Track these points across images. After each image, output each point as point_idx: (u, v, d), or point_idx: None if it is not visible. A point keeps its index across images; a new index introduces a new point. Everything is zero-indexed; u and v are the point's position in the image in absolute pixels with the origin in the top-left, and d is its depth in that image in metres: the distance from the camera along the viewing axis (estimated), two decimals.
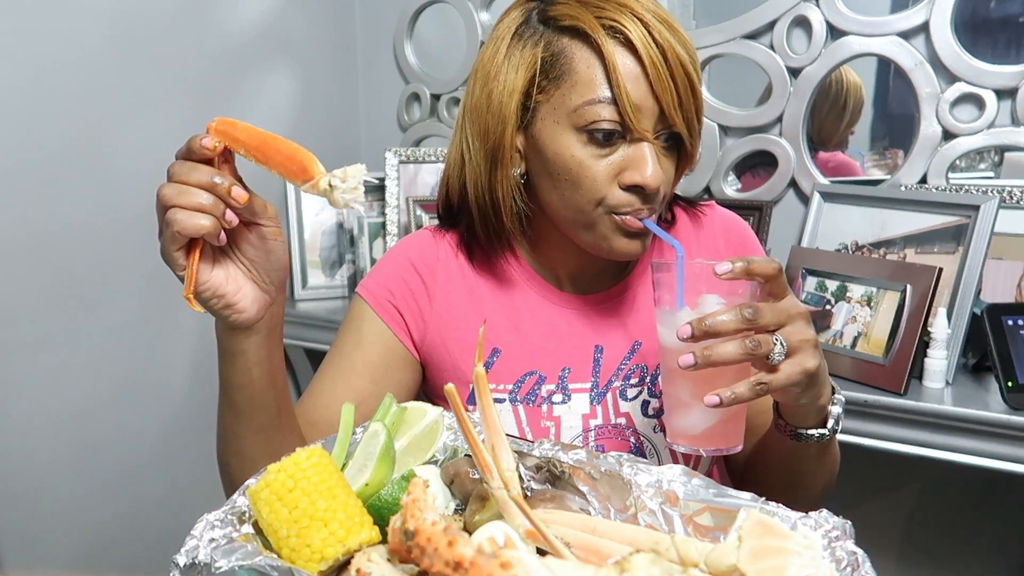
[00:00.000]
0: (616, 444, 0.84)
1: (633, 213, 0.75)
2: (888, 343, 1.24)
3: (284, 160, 0.59)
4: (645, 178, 0.72)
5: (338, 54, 1.98)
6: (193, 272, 0.64)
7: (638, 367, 0.86)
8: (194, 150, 0.61)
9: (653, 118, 0.73)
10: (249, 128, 0.62)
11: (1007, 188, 1.33)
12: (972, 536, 1.53)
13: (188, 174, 0.61)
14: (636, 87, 0.71)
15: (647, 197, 0.74)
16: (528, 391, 0.85)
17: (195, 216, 0.61)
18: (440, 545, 0.42)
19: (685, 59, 0.72)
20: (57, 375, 1.42)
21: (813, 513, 0.55)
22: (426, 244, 0.91)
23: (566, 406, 0.85)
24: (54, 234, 1.39)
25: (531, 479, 0.66)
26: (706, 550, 0.48)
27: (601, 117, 0.72)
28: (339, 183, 0.56)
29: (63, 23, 1.36)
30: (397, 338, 0.88)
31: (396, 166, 1.80)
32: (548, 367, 0.86)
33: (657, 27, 0.71)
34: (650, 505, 0.60)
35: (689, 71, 0.72)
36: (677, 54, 0.71)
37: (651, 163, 0.72)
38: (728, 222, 0.94)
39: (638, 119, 0.72)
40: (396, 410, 0.69)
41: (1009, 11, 1.45)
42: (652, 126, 0.73)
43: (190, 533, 0.54)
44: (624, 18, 0.71)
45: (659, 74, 0.71)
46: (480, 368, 0.59)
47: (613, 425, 0.85)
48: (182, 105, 1.57)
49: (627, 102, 0.71)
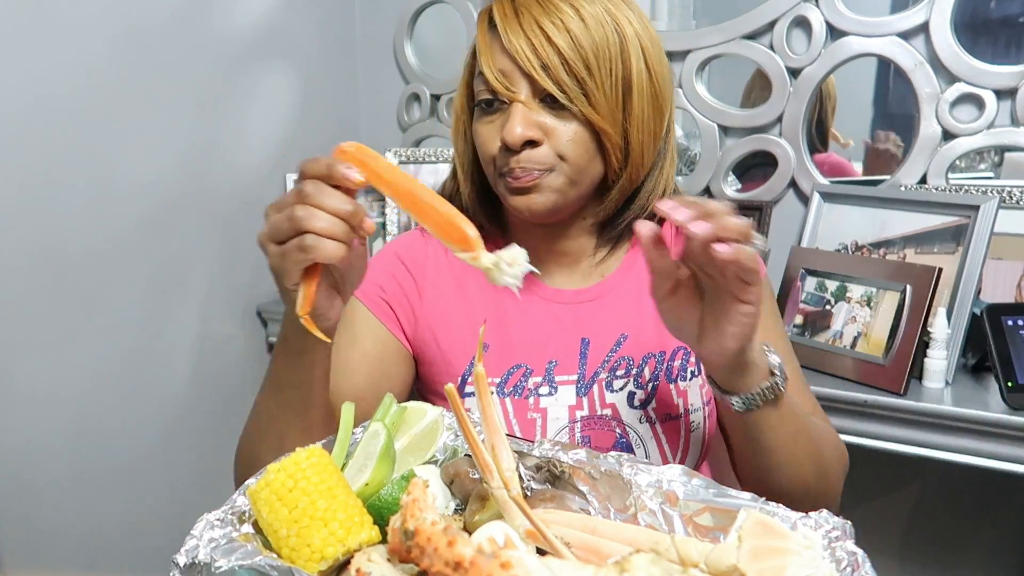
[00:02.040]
0: (602, 435, 0.85)
1: (508, 173, 0.80)
2: (888, 343, 1.24)
3: (442, 223, 0.58)
4: (504, 135, 0.78)
5: (338, 54, 1.98)
6: (312, 292, 0.63)
7: (624, 359, 0.87)
8: (335, 177, 0.60)
9: (523, 80, 0.78)
10: (392, 167, 0.61)
11: (1007, 188, 1.33)
12: (972, 536, 1.53)
13: (325, 200, 0.60)
14: (498, 56, 0.79)
15: (515, 155, 0.79)
16: (515, 383, 0.86)
17: (329, 243, 0.60)
18: (440, 545, 0.42)
19: (547, 24, 0.76)
20: (57, 376, 1.42)
21: (813, 513, 0.55)
22: (415, 242, 0.94)
23: (552, 398, 0.86)
24: (55, 235, 1.39)
25: (531, 479, 0.66)
26: (706, 550, 0.48)
27: (478, 88, 0.81)
28: (506, 267, 0.57)
29: (64, 26, 1.36)
30: (391, 332, 0.88)
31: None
32: (535, 360, 0.87)
33: (528, 5, 0.78)
34: (650, 505, 0.60)
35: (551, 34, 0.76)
36: (536, 21, 0.76)
37: (514, 121, 0.77)
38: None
39: (505, 83, 0.78)
40: (396, 410, 0.69)
41: (1009, 11, 1.45)
42: (526, 88, 0.78)
43: (190, 533, 0.54)
44: (499, 5, 0.80)
45: (511, 40, 0.77)
46: (480, 368, 0.59)
47: (599, 416, 0.85)
48: (182, 105, 1.57)
49: (491, 69, 0.79)
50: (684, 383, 0.88)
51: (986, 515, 1.50)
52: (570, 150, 0.79)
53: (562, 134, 0.79)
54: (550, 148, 0.79)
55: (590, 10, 0.77)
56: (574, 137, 0.79)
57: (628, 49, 0.78)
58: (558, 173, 0.80)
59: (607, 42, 0.77)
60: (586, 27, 0.77)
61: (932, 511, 1.56)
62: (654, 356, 0.88)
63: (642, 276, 0.89)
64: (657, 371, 0.87)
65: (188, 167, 1.60)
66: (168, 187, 1.56)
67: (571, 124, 0.79)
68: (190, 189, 1.61)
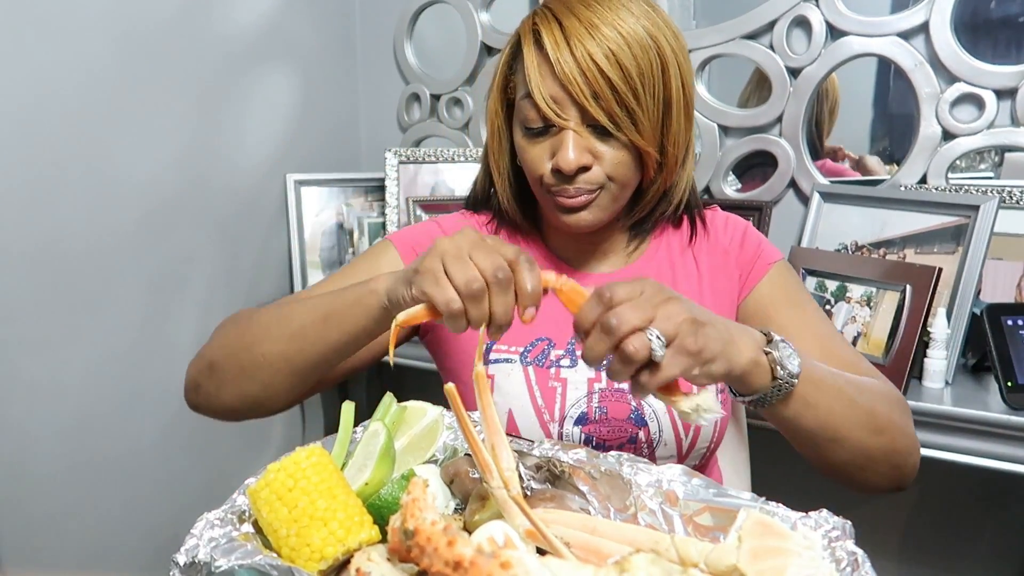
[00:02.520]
0: (618, 407, 0.88)
1: (560, 193, 0.84)
2: (888, 343, 1.24)
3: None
4: (559, 162, 0.81)
5: (338, 54, 1.98)
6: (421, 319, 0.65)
7: None
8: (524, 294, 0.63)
9: (574, 108, 0.80)
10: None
11: (1007, 188, 1.33)
12: (972, 536, 1.53)
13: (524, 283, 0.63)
14: (549, 83, 0.80)
15: (569, 178, 0.82)
16: (538, 354, 0.91)
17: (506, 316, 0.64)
18: (440, 545, 0.42)
19: (597, 53, 0.78)
20: (57, 375, 1.42)
21: (813, 513, 0.55)
22: (455, 218, 1.00)
23: (573, 370, 0.90)
24: (55, 235, 1.39)
25: (531, 479, 0.66)
26: (706, 550, 0.48)
27: (528, 112, 0.82)
28: (704, 413, 0.62)
29: (64, 26, 1.36)
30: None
31: (396, 166, 1.80)
32: (558, 335, 0.91)
33: (575, 28, 0.79)
34: (650, 505, 0.60)
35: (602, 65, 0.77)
36: (587, 50, 0.78)
37: (567, 149, 0.80)
38: (730, 224, 0.99)
39: (556, 111, 0.80)
40: (396, 409, 0.69)
41: (1009, 11, 1.45)
42: (576, 116, 0.80)
43: (190, 532, 0.54)
44: (544, 23, 0.81)
45: (564, 71, 0.78)
46: (480, 367, 0.59)
47: (616, 388, 0.88)
48: (183, 105, 1.57)
49: (542, 96, 0.80)
50: None
51: (986, 515, 1.50)
52: (618, 172, 0.83)
53: (610, 157, 0.82)
54: (600, 170, 0.83)
55: (634, 34, 0.79)
56: (621, 160, 0.83)
57: (669, 72, 0.81)
58: (606, 192, 0.84)
59: (651, 67, 0.80)
60: (632, 56, 0.79)
61: (932, 511, 1.56)
62: None
63: (665, 262, 0.96)
64: None
65: (188, 167, 1.60)
66: (168, 187, 1.56)
67: (618, 149, 0.82)
68: (190, 189, 1.61)
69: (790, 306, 0.92)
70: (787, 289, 0.94)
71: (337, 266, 1.88)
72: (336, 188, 1.89)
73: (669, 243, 0.97)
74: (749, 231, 0.98)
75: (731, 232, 0.97)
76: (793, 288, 0.95)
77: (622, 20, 0.79)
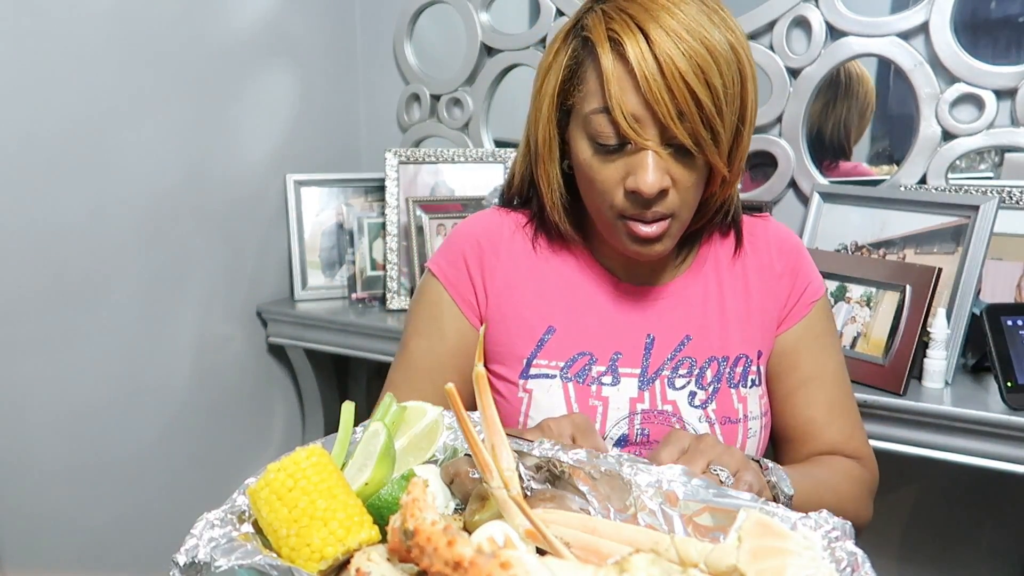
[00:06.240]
0: (661, 429, 0.86)
1: (636, 218, 0.78)
2: (887, 343, 1.24)
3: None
4: (638, 184, 0.75)
5: (338, 54, 1.97)
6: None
7: (687, 359, 0.88)
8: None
9: (655, 127, 0.74)
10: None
11: (1007, 188, 1.33)
12: (972, 536, 1.53)
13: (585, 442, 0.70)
14: (631, 98, 0.73)
15: (647, 202, 0.77)
16: (579, 370, 0.87)
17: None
18: (440, 545, 0.42)
19: (687, 71, 0.71)
20: (57, 375, 1.42)
21: (813, 513, 0.55)
22: (492, 221, 0.94)
23: (615, 388, 0.87)
24: (54, 233, 1.39)
25: (531, 479, 0.66)
26: (706, 550, 0.48)
27: (602, 128, 0.75)
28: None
29: (62, 23, 1.36)
30: (469, 322, 0.91)
31: (396, 167, 1.80)
32: (600, 350, 0.88)
33: (662, 40, 0.71)
34: (650, 505, 0.60)
35: (691, 83, 0.71)
36: (676, 66, 0.71)
37: (648, 170, 0.74)
38: (781, 237, 0.94)
39: (637, 129, 0.74)
40: (396, 409, 0.69)
41: (1009, 11, 1.45)
42: (656, 135, 0.74)
43: (190, 532, 0.54)
44: (626, 31, 0.73)
45: (650, 87, 0.72)
46: (480, 368, 0.59)
47: (659, 411, 0.86)
48: (182, 105, 1.57)
49: (621, 113, 0.73)
50: (745, 390, 0.88)
51: (986, 515, 1.50)
52: (691, 196, 0.79)
53: (686, 180, 0.77)
54: (676, 195, 0.77)
55: (720, 47, 0.73)
56: (694, 183, 0.78)
57: (748, 87, 0.76)
58: (676, 220, 0.80)
59: (734, 83, 0.74)
60: (719, 72, 0.73)
61: (932, 511, 1.56)
62: (716, 359, 0.88)
63: (712, 276, 0.91)
64: (719, 374, 0.88)
65: (188, 167, 1.60)
66: (168, 187, 1.56)
67: (692, 170, 0.77)
68: (190, 189, 1.61)
69: (818, 350, 0.91)
70: (819, 334, 0.92)
71: (337, 266, 1.88)
72: (336, 188, 1.88)
73: (717, 254, 0.92)
74: (803, 258, 0.93)
75: (786, 255, 0.93)
76: (824, 331, 0.92)
77: (707, 31, 0.72)
